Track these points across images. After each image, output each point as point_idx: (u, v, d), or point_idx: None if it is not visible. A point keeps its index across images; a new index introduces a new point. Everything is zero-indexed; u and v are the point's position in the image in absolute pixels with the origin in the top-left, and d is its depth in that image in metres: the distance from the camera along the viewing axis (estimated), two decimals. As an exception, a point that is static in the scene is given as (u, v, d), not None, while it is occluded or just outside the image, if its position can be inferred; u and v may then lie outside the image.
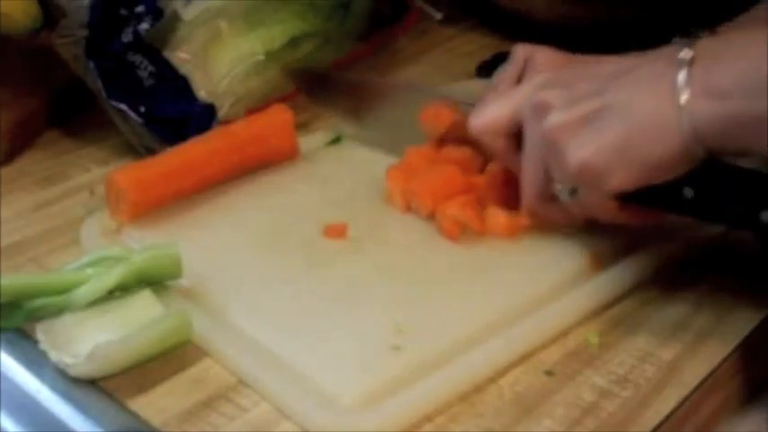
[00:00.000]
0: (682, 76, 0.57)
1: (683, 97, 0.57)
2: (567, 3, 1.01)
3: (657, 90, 0.58)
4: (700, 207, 0.62)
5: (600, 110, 0.60)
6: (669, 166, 0.59)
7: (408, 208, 0.74)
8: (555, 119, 0.62)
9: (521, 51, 0.75)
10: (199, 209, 0.75)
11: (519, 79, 0.74)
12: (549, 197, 0.66)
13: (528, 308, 0.64)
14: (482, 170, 0.74)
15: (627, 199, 0.62)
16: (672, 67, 0.57)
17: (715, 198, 0.61)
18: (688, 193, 0.61)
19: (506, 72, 0.75)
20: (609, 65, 0.63)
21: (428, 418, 0.57)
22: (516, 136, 0.67)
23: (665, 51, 0.59)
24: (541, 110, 0.63)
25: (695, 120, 0.57)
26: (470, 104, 0.72)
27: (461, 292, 0.66)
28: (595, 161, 0.60)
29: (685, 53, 0.57)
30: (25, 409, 0.58)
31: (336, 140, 0.85)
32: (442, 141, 0.76)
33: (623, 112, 0.59)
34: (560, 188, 0.64)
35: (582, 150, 0.60)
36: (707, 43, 0.58)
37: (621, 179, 0.60)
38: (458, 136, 0.74)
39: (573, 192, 0.63)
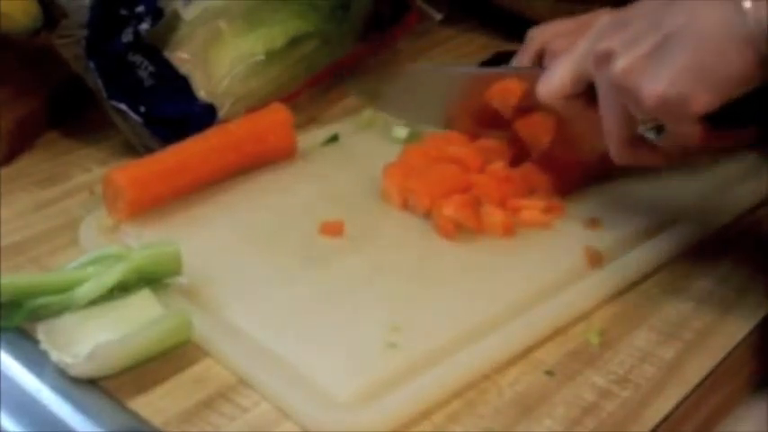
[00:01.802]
0: None
1: (746, 3, 0.56)
2: (566, 3, 1.01)
3: (718, 3, 0.57)
4: None
5: (663, 40, 0.59)
6: (745, 76, 0.58)
7: (405, 206, 0.74)
8: (621, 62, 0.61)
9: (536, 37, 0.75)
10: (197, 207, 0.75)
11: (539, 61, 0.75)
12: (636, 141, 0.65)
13: (524, 305, 0.64)
14: (480, 168, 0.74)
15: (716, 122, 0.61)
16: None
17: None
18: None
19: (522, 56, 0.76)
20: None
21: (426, 417, 0.57)
22: (587, 93, 0.67)
23: None
24: (605, 58, 0.62)
25: (762, 23, 0.56)
26: (532, 72, 0.71)
27: (458, 290, 0.66)
28: (672, 90, 0.59)
29: None
30: (25, 408, 0.58)
31: (334, 139, 0.85)
32: (514, 115, 0.75)
33: (687, 35, 0.58)
34: (645, 128, 0.63)
35: (656, 84, 0.59)
36: None
37: (702, 100, 0.59)
38: (528, 106, 0.73)
39: (659, 129, 0.63)
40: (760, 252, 0.71)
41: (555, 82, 0.68)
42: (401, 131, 0.87)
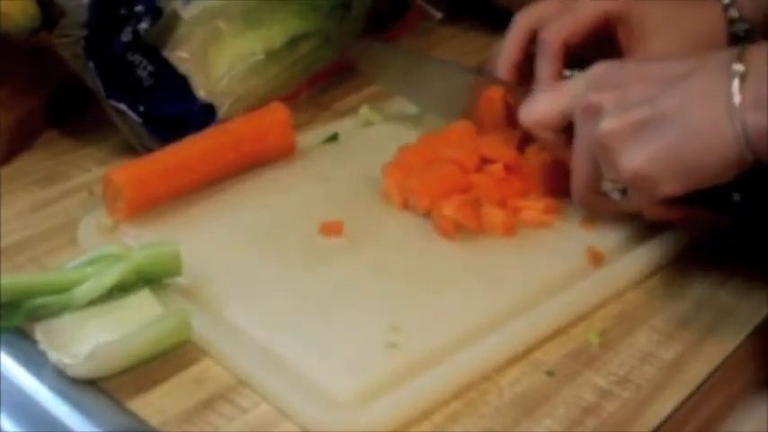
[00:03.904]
0: (735, 88, 0.58)
1: (736, 109, 0.58)
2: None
3: (711, 100, 0.59)
4: (746, 210, 0.63)
5: (653, 118, 0.61)
6: (720, 172, 0.60)
7: (405, 206, 0.74)
8: (607, 125, 0.62)
9: (521, 22, 0.79)
10: (196, 207, 0.75)
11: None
12: (598, 192, 0.67)
13: (524, 305, 0.64)
14: (478, 169, 0.74)
15: (675, 200, 0.63)
16: (725, 79, 0.58)
17: (762, 201, 0.62)
18: (736, 196, 0.62)
19: (510, 44, 0.79)
20: (660, 67, 0.63)
21: (426, 417, 0.57)
22: (566, 130, 0.68)
23: (718, 59, 0.60)
24: (593, 112, 0.64)
25: (747, 130, 0.58)
26: (524, 89, 0.74)
27: (457, 290, 0.66)
28: (648, 169, 0.61)
29: (738, 66, 0.58)
30: (24, 409, 0.58)
31: (333, 138, 0.85)
32: (494, 126, 0.77)
33: (676, 121, 0.60)
34: (611, 187, 0.65)
35: (635, 159, 0.61)
36: (757, 55, 0.59)
37: (673, 186, 0.61)
38: (509, 120, 0.75)
39: (623, 192, 0.65)
40: (761, 252, 0.71)
41: (539, 112, 0.70)
42: (412, 107, 0.87)
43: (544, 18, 0.80)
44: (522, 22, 0.81)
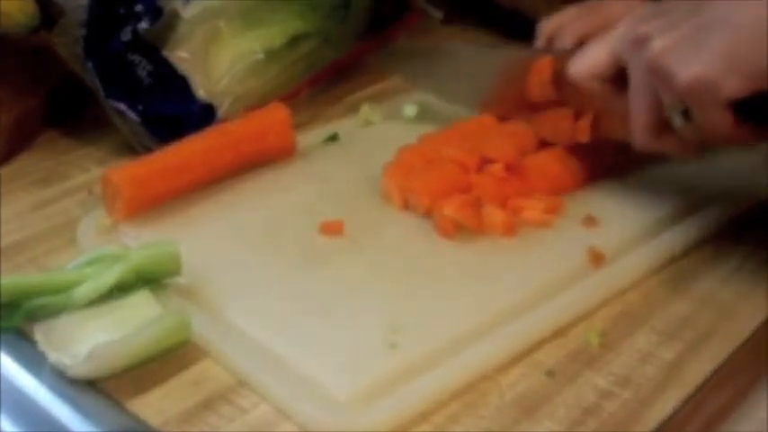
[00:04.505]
0: None
1: None
2: (567, 2, 1.01)
3: (755, 2, 0.59)
4: None
5: (700, 26, 0.61)
6: None
7: (405, 206, 0.74)
8: (658, 44, 0.63)
9: (544, 28, 0.78)
10: (195, 207, 0.74)
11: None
12: (661, 128, 0.66)
13: (524, 306, 0.64)
14: (478, 168, 0.74)
15: (742, 117, 0.63)
16: None
17: None
18: None
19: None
20: None
21: (426, 418, 0.57)
22: (616, 79, 0.68)
23: None
24: (642, 41, 0.64)
25: None
26: (571, 51, 0.73)
27: (458, 290, 0.66)
28: (705, 73, 0.61)
29: None
30: (24, 409, 0.58)
31: (333, 138, 0.85)
32: (552, 92, 0.76)
33: (724, 23, 0.60)
34: (672, 112, 0.65)
35: (690, 66, 0.61)
36: None
37: (733, 86, 0.61)
38: (558, 87, 0.74)
39: (686, 113, 0.64)
40: (763, 251, 0.71)
41: (588, 61, 0.70)
42: (411, 109, 0.87)
43: (564, 25, 0.80)
44: (545, 30, 0.81)
